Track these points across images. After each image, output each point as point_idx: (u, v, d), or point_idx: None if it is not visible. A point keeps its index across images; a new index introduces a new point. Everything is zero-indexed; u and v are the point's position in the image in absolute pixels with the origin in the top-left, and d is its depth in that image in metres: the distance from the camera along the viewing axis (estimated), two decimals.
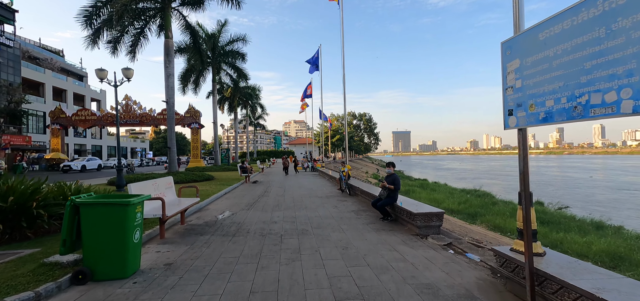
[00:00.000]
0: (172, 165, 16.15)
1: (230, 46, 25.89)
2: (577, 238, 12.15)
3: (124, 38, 15.82)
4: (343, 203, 9.15)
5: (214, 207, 8.84)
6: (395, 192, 6.57)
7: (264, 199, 10.26)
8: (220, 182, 15.26)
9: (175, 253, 4.61)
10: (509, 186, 43.03)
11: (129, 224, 3.62)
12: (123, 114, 34.67)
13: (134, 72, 11.10)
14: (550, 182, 47.47)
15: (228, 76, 28.78)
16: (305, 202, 9.61)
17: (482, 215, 17.67)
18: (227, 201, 9.92)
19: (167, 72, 15.77)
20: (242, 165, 16.04)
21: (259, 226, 6.37)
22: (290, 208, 8.52)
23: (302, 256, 4.44)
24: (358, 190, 10.26)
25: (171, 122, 16.18)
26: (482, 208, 19.67)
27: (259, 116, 54.39)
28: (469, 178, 56.17)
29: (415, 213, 5.49)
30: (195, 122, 33.94)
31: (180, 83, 26.05)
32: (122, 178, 11.20)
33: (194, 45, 18.30)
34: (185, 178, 14.80)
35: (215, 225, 6.44)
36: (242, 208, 8.46)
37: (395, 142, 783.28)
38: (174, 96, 16.09)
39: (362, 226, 6.18)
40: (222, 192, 11.58)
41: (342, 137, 70.52)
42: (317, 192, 12.23)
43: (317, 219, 6.97)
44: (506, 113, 2.93)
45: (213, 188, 12.81)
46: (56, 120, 35.23)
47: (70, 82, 50.12)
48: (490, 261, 4.17)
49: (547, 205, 22.49)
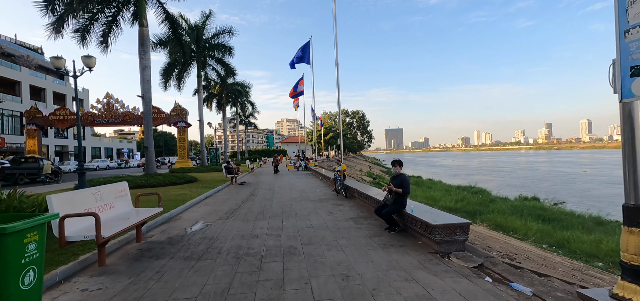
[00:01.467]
0: (149, 166, 14.66)
1: (215, 39, 24.33)
2: (583, 236, 11.18)
3: (94, 27, 14.26)
4: (339, 208, 7.91)
5: (187, 215, 7.49)
6: (405, 196, 5.36)
7: (249, 204, 8.94)
8: (203, 185, 13.88)
9: (108, 291, 3.28)
10: (503, 182, 42.58)
11: (9, 264, 2.30)
12: (105, 113, 32.81)
13: (96, 60, 9.64)
14: (544, 177, 47.19)
15: (214, 72, 27.23)
16: (295, 207, 8.34)
17: (482, 214, 16.68)
18: (205, 207, 8.58)
19: (143, 64, 14.27)
20: (227, 166, 14.67)
21: (235, 243, 5.07)
22: (278, 215, 7.23)
23: (286, 293, 3.17)
24: (355, 192, 9.03)
25: (148, 119, 14.68)
26: (480, 206, 18.70)
27: (249, 114, 52.74)
28: (462, 175, 55.73)
29: (434, 225, 4.26)
30: (181, 121, 32.26)
31: (162, 78, 24.41)
32: (85, 182, 9.76)
33: (175, 35, 16.78)
34: (164, 180, 13.37)
35: (180, 242, 5.12)
36: (220, 217, 7.14)
37: (388, 140, 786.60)
38: (151, 91, 14.61)
39: (365, 241, 4.94)
40: (201, 197, 10.22)
41: (335, 134, 69.35)
42: (310, 194, 10.97)
43: (308, 231, 5.70)
44: (626, 73, 1.71)
45: (193, 191, 11.43)
46: (32, 120, 33.14)
47: (49, 80, 47.71)
48: (546, 296, 2.97)
49: (542, 201, 21.77)
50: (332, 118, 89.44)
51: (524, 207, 18.03)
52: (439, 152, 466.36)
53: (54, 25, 12.75)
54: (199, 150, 79.24)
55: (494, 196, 22.81)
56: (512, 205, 18.65)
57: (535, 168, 66.45)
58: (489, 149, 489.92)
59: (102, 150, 61.58)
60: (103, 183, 12.40)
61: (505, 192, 27.42)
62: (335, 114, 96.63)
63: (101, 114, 33.10)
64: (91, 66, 9.61)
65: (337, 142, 72.56)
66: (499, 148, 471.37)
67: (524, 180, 44.63)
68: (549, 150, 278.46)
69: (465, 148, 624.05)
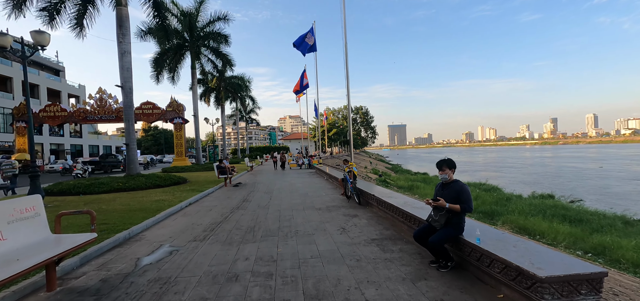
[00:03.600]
0: (131, 166, 12.84)
1: (210, 27, 22.40)
2: (622, 241, 9.30)
3: (65, 6, 12.40)
4: (354, 222, 6.03)
5: (153, 234, 5.65)
6: (463, 215, 3.48)
7: (238, 214, 7.09)
8: (191, 187, 12.07)
9: None
10: (514, 179, 40.56)
11: None
12: (97, 109, 31.10)
13: (49, 37, 7.81)
14: (557, 173, 45.06)
15: (210, 63, 25.28)
16: (296, 219, 6.47)
17: (501, 214, 14.88)
18: (182, 220, 6.74)
19: (121, 49, 12.42)
20: (220, 165, 12.82)
21: (202, 290, 3.22)
22: (272, 234, 5.37)
23: None
24: (372, 199, 7.15)
25: (128, 112, 12.87)
26: (497, 206, 16.86)
27: (250, 110, 50.81)
28: (470, 171, 53.70)
29: (543, 279, 2.37)
30: (178, 117, 30.46)
31: (153, 69, 22.54)
32: (39, 188, 7.97)
33: (159, 19, 14.91)
34: (145, 182, 11.55)
35: (117, 289, 3.28)
36: (195, 237, 5.29)
37: (391, 136, 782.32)
38: (132, 80, 12.75)
39: (406, 290, 3.06)
40: (183, 204, 8.39)
41: (339, 130, 67.39)
42: (314, 199, 9.10)
43: (315, 265, 3.83)
44: None
45: (175, 196, 9.61)
46: (21, 117, 31.58)
47: (43, 76, 46.12)
48: None
49: (558, 198, 19.84)
50: (335, 114, 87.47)
51: (544, 205, 16.24)
52: (442, 148, 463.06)
53: (13, 1, 10.93)
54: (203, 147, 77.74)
55: (508, 193, 20.98)
56: (531, 204, 16.83)
57: (546, 164, 64.18)
58: (493, 145, 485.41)
59: (100, 148, 60.09)
60: (71, 188, 10.63)
61: (518, 188, 25.56)
62: (339, 110, 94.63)
63: (94, 110, 31.42)
64: (44, 44, 7.77)
65: (341, 138, 70.61)
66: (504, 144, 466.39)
67: (536, 176, 42.63)
68: (555, 145, 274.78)
69: (469, 144, 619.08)
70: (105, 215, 6.84)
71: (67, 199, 9.52)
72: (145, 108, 30.84)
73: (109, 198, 9.35)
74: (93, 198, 9.42)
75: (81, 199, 9.42)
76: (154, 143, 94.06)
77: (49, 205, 8.45)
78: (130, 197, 9.47)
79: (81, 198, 9.63)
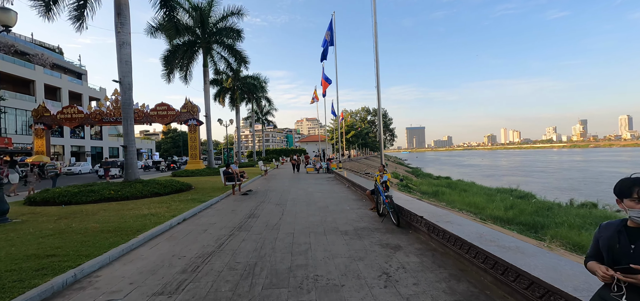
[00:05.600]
0: (128, 171, 11.42)
1: (223, 22, 21.06)
2: None
3: None
4: (399, 260, 4.11)
5: (111, 275, 3.96)
6: None
7: (236, 241, 5.33)
8: (194, 195, 10.51)
9: None
10: (547, 184, 36.99)
11: None
12: (113, 111, 30.66)
13: (16, 15, 6.40)
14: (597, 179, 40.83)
15: (224, 61, 23.98)
16: (315, 252, 4.62)
17: (546, 227, 12.43)
18: (163, 248, 5.05)
19: (120, 40, 11.08)
20: (227, 171, 11.20)
21: None
22: (280, 282, 3.54)
23: None
24: (418, 220, 5.21)
25: (127, 110, 11.49)
26: (538, 216, 14.40)
27: (266, 112, 49.56)
28: (496, 176, 50.07)
29: None
30: (193, 118, 29.52)
31: (165, 68, 21.42)
32: (3, 200, 6.55)
33: (167, 11, 13.55)
34: (142, 190, 10.06)
35: None
36: (163, 289, 3.55)
37: (410, 138, 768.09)
38: (131, 74, 11.39)
39: None
40: (175, 220, 6.75)
41: (357, 133, 65.17)
42: (338, 215, 7.23)
43: None
44: None
45: (169, 209, 7.99)
46: (40, 119, 31.63)
47: (65, 79, 46.79)
48: None
49: (603, 208, 17.04)
50: (353, 115, 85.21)
51: (593, 217, 13.63)
52: (463, 151, 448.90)
53: None
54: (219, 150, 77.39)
55: (548, 201, 18.30)
56: (577, 214, 14.24)
57: (581, 168, 59.18)
58: (518, 147, 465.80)
59: (120, 151, 60.81)
60: (56, 197, 9.25)
61: (554, 195, 22.63)
62: (356, 112, 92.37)
63: (110, 112, 31.00)
64: (9, 24, 6.38)
65: (359, 141, 68.30)
66: (529, 147, 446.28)
67: (572, 182, 38.84)
68: (586, 148, 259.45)
69: (491, 147, 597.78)
70: (64, 238, 5.27)
71: (46, 210, 8.13)
72: (160, 109, 30.07)
73: (92, 211, 7.87)
74: (73, 211, 7.97)
75: (61, 211, 7.99)
76: (173, 146, 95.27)
77: (17, 219, 7.05)
78: (117, 210, 7.95)
79: (62, 209, 8.21)
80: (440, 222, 4.60)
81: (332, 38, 17.18)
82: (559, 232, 11.12)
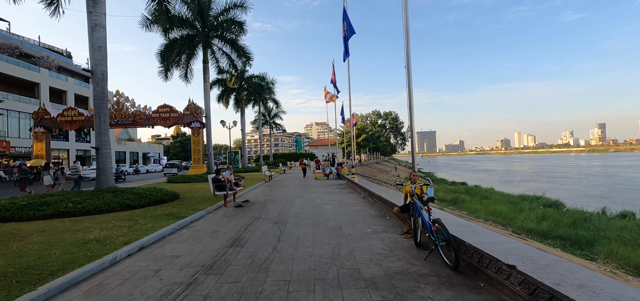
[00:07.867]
0: (100, 178, 9.52)
1: (224, 15, 19.23)
2: None
3: None
4: None
5: None
6: None
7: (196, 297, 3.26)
8: (175, 208, 8.50)
9: None
10: (574, 191, 33.96)
11: None
12: (115, 113, 29.28)
13: None
14: (630, 186, 37.36)
15: (226, 57, 22.15)
16: None
17: (595, 242, 10.13)
18: None
19: (92, 21, 9.26)
20: (216, 178, 9.16)
21: None
22: None
23: None
24: (504, 271, 3.04)
25: (100, 105, 9.65)
26: (577, 229, 11.98)
27: (274, 114, 47.70)
28: (515, 181, 47.09)
29: None
30: (196, 120, 27.85)
31: (161, 64, 19.71)
32: None
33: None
34: (111, 201, 8.10)
35: None
36: None
37: (420, 143, 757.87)
38: (107, 63, 9.56)
39: None
40: (125, 250, 4.71)
41: (368, 136, 62.77)
42: (356, 244, 5.06)
43: None
44: None
45: (130, 229, 5.96)
46: (40, 122, 30.49)
47: (71, 82, 46.10)
48: None
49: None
50: (364, 119, 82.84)
51: None
52: (475, 155, 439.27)
53: None
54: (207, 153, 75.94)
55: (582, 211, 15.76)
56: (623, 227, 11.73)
57: (611, 174, 55.19)
58: (532, 152, 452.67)
59: (127, 155, 60.07)
60: None
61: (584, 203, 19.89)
62: (367, 115, 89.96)
63: (111, 114, 29.61)
64: None
65: (371, 145, 65.80)
66: (545, 151, 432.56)
67: (602, 189, 35.57)
68: (606, 153, 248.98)
69: (505, 151, 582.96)
70: None
71: None
72: (162, 111, 28.51)
73: (28, 232, 5.93)
74: (4, 231, 6.05)
75: None
76: (182, 150, 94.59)
77: None
78: (60, 231, 5.99)
79: None
80: (563, 288, 2.39)
81: (350, 27, 15.11)
82: (611, 250, 8.81)
